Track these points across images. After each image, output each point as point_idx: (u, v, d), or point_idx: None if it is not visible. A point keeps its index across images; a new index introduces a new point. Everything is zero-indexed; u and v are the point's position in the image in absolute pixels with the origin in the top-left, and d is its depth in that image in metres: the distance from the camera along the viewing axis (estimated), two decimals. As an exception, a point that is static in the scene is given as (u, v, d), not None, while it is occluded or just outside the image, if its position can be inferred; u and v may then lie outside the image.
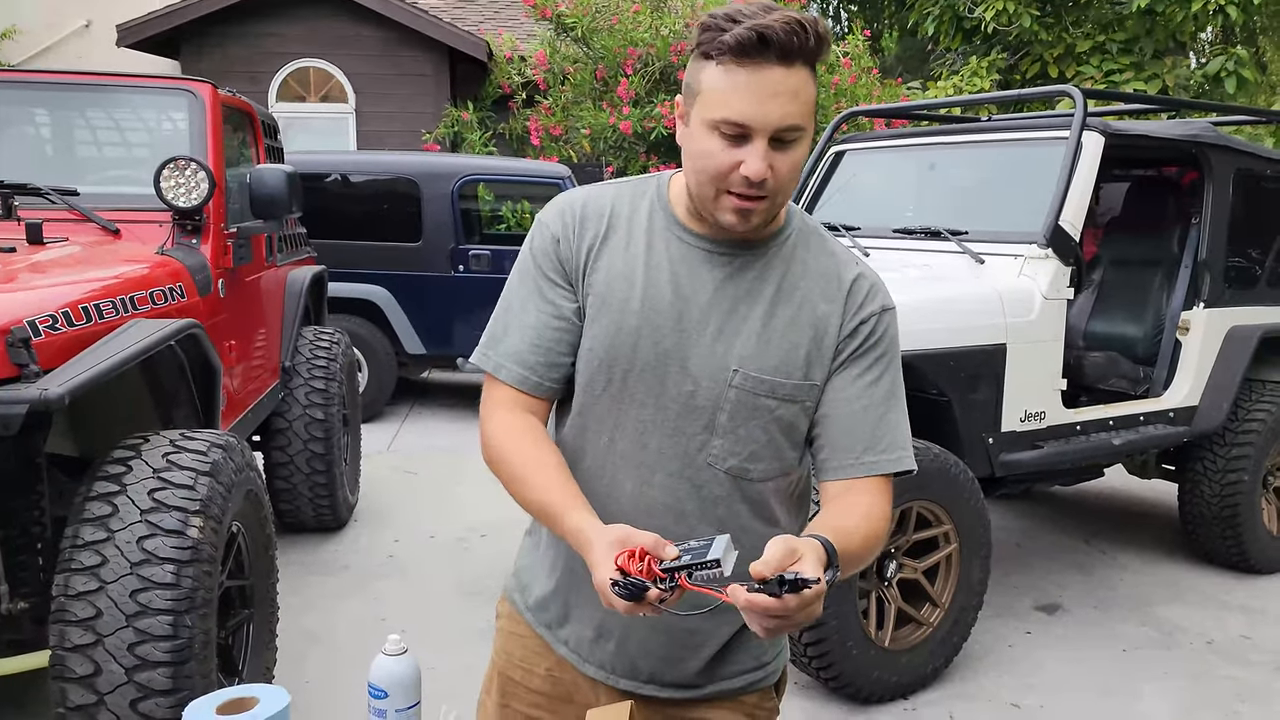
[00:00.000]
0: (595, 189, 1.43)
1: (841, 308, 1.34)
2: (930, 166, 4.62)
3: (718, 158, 1.22)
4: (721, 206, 1.26)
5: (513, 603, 1.53)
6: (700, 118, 1.23)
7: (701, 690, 1.42)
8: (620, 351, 1.32)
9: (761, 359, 1.31)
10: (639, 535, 1.13)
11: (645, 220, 1.37)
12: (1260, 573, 4.61)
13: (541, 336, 1.35)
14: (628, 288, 1.33)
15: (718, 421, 1.32)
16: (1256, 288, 4.64)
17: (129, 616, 2.25)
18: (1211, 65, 10.50)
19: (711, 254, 1.34)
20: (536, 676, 1.49)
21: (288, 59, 10.53)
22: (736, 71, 1.19)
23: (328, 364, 4.68)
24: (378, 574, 4.36)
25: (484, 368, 1.39)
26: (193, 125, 3.62)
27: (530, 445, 1.32)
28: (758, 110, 1.19)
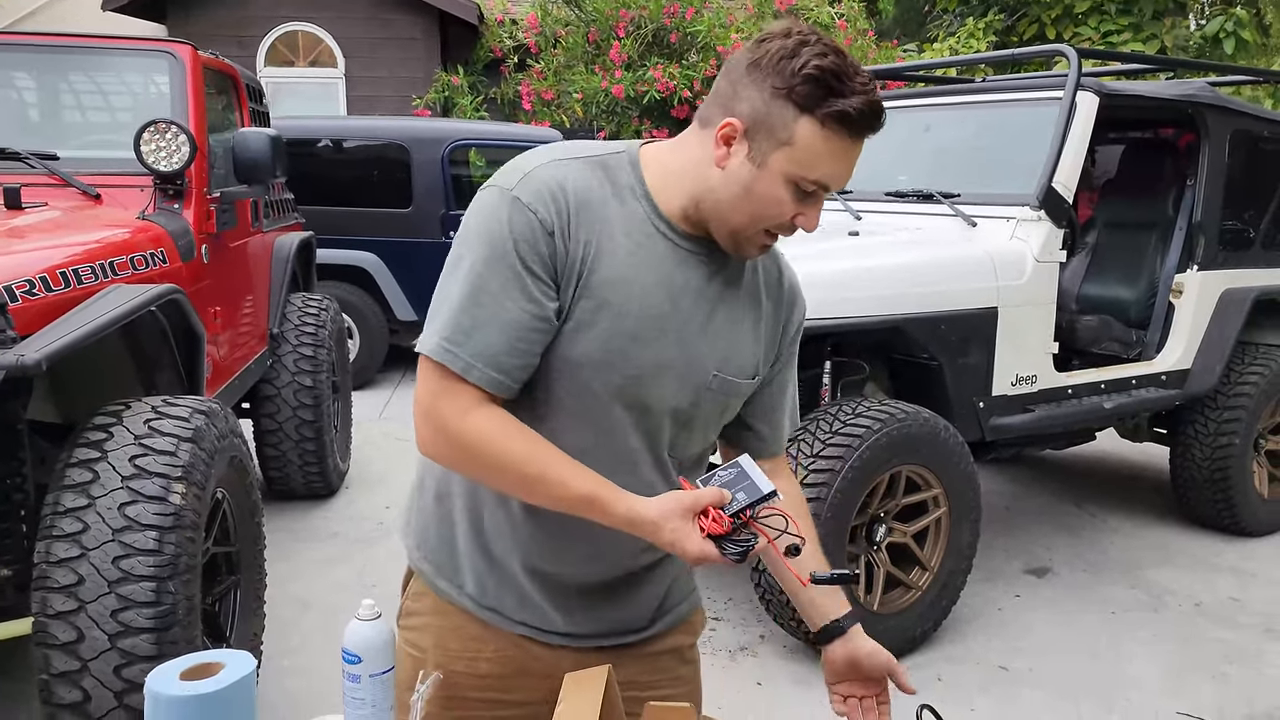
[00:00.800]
0: (570, 170, 1.27)
1: (781, 306, 1.44)
2: (924, 128, 4.57)
3: (785, 208, 1.24)
4: (753, 242, 1.28)
5: (440, 592, 1.44)
6: (782, 169, 1.21)
7: (658, 626, 1.50)
8: (616, 357, 1.26)
9: (732, 361, 1.35)
10: (705, 495, 1.19)
11: (628, 213, 1.29)
12: (1250, 535, 4.62)
13: (522, 339, 1.23)
14: (625, 290, 1.26)
15: (693, 420, 1.36)
16: (1251, 250, 4.62)
17: (111, 583, 2.24)
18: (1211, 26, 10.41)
19: (695, 255, 1.31)
20: (483, 661, 1.44)
21: (276, 22, 10.40)
22: (840, 139, 1.20)
23: (316, 330, 4.65)
24: (368, 540, 4.35)
25: (451, 367, 1.22)
26: (173, 88, 3.57)
27: (533, 441, 1.25)
28: (843, 177, 1.24)
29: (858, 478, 3.19)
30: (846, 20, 10.64)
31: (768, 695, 3.20)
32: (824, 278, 3.43)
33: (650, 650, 1.49)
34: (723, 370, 1.34)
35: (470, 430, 1.24)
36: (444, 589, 1.45)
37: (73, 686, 2.22)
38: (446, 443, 1.26)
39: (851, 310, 3.36)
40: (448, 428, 1.24)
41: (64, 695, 2.22)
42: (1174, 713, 3.16)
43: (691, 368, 1.31)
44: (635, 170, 1.31)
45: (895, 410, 3.33)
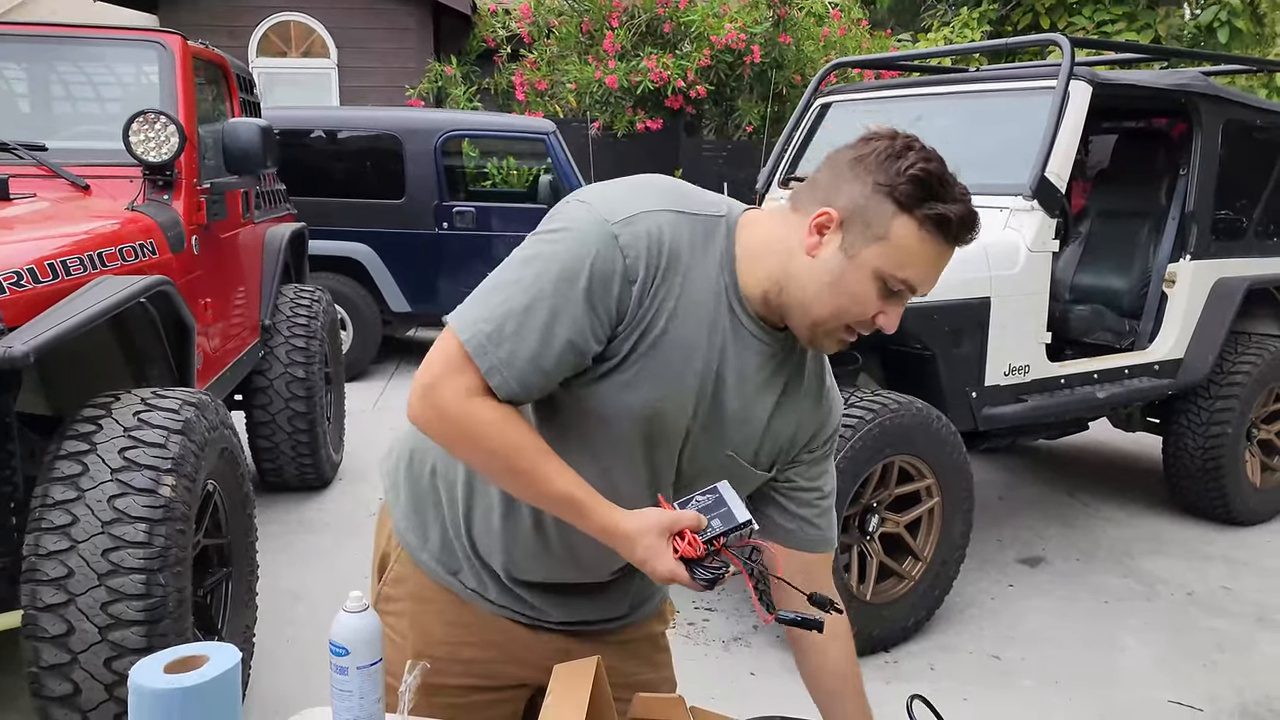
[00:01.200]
0: (675, 223, 1.24)
1: (818, 413, 1.42)
2: (917, 118, 4.56)
3: (869, 304, 1.23)
4: (831, 336, 1.28)
5: (426, 569, 1.46)
6: (873, 264, 1.21)
7: (639, 612, 1.56)
8: (657, 415, 1.28)
9: (752, 449, 1.36)
10: (684, 517, 1.20)
11: (712, 282, 1.27)
12: (1242, 524, 4.63)
13: (558, 365, 1.22)
14: (687, 355, 1.26)
15: (695, 481, 1.35)
16: (1243, 239, 4.62)
17: (101, 575, 2.23)
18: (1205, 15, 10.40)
19: (758, 341, 1.32)
20: (467, 647, 1.45)
21: (268, 12, 10.35)
22: (934, 242, 1.20)
23: (308, 322, 4.63)
24: (362, 532, 4.34)
25: (478, 362, 1.21)
26: (162, 78, 3.54)
27: (526, 436, 1.25)
28: (930, 281, 1.24)
29: (851, 468, 3.19)
30: (840, 10, 10.63)
31: (761, 685, 3.21)
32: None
33: (628, 637, 1.54)
34: (739, 453, 1.35)
35: (473, 413, 1.22)
36: (430, 566, 1.46)
37: (63, 679, 2.21)
38: (440, 418, 1.25)
39: (844, 300, 3.35)
40: (449, 405, 1.23)
41: (54, 688, 2.22)
42: (1165, 701, 3.16)
43: (709, 443, 1.33)
44: (729, 240, 1.29)
45: (888, 400, 3.33)
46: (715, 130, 10.63)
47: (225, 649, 1.07)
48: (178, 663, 1.04)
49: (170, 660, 1.04)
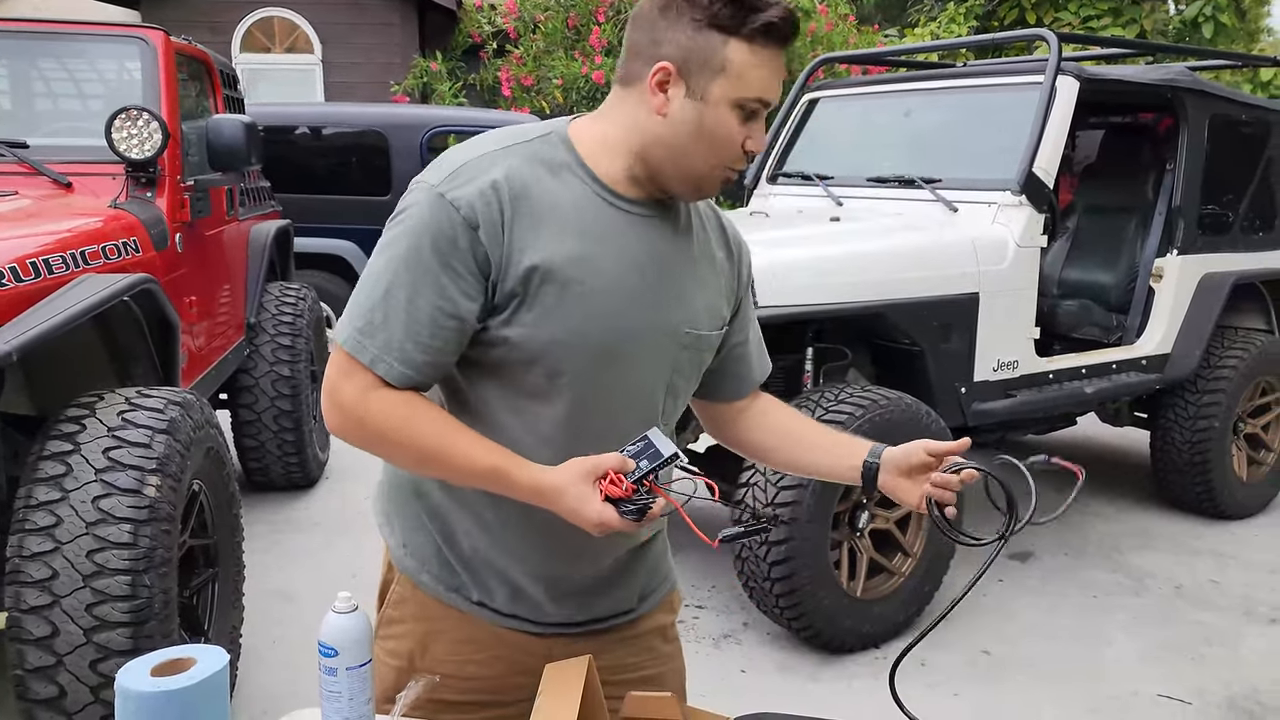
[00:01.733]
0: (500, 159, 1.24)
1: (732, 256, 1.45)
2: (905, 113, 4.56)
3: (735, 134, 1.24)
4: (713, 180, 1.28)
5: (422, 587, 1.42)
6: (726, 95, 1.21)
7: (644, 607, 1.52)
8: (585, 339, 1.25)
9: (699, 315, 1.36)
10: (605, 460, 1.19)
11: (573, 191, 1.26)
12: (1229, 518, 4.65)
13: (434, 336, 1.21)
14: (583, 269, 1.24)
15: (673, 383, 1.36)
16: (1229, 234, 4.64)
17: (86, 577, 2.21)
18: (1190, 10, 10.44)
19: (645, 218, 1.30)
20: (471, 664, 1.41)
21: (251, 8, 10.28)
22: (762, 51, 1.21)
23: (294, 320, 4.60)
24: (349, 531, 4.32)
25: (358, 358, 1.22)
26: (145, 74, 3.51)
27: (431, 418, 1.24)
28: (775, 89, 1.25)
29: (840, 464, 3.18)
30: (827, 5, 10.62)
31: (752, 682, 3.20)
32: (806, 264, 3.42)
33: (636, 632, 1.50)
34: (695, 326, 1.35)
35: (372, 409, 1.23)
36: (431, 586, 1.42)
37: (48, 682, 2.19)
38: (347, 421, 1.25)
39: (834, 296, 3.35)
40: (351, 408, 1.24)
41: (39, 690, 2.20)
42: (1154, 695, 3.17)
43: (660, 332, 1.32)
44: (568, 147, 1.29)
45: (878, 396, 3.32)
46: (702, 126, 10.59)
47: (213, 651, 1.05)
48: (165, 665, 1.03)
49: (158, 663, 1.02)
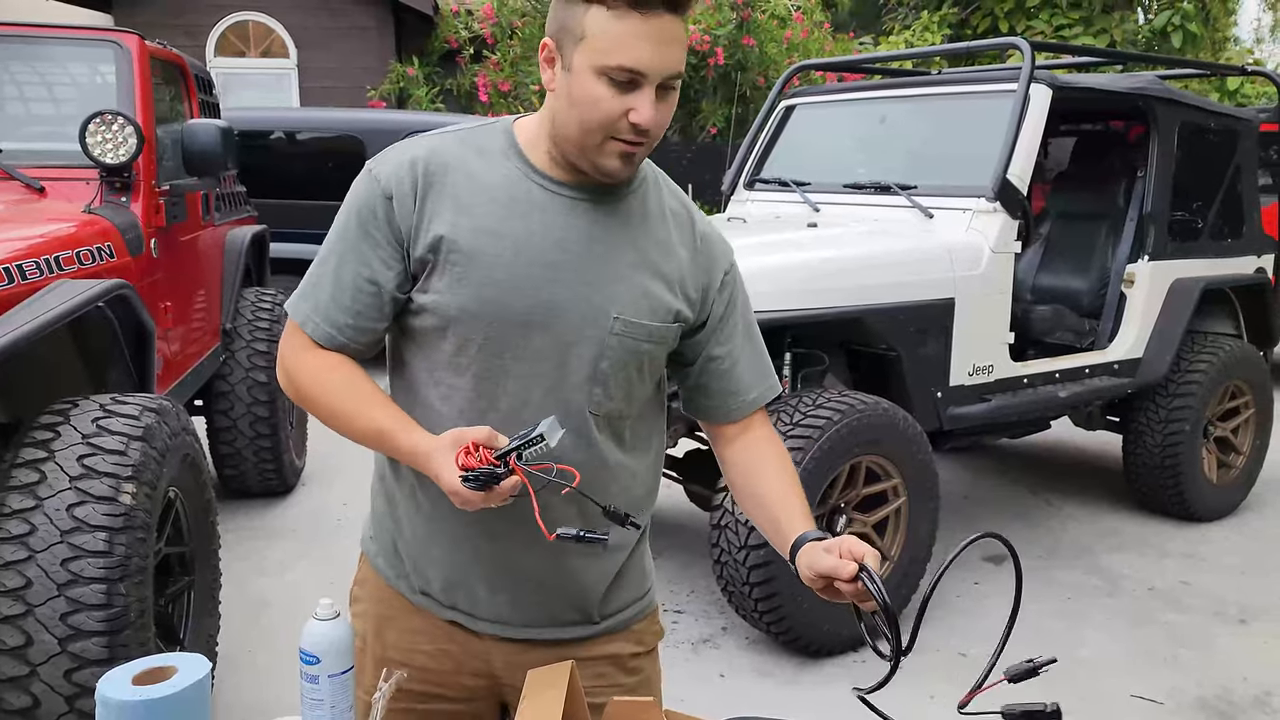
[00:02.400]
0: (433, 140, 1.33)
1: (697, 256, 1.40)
2: (880, 120, 4.60)
3: (606, 105, 1.20)
4: (606, 153, 1.25)
5: (379, 571, 1.46)
6: (587, 63, 1.20)
7: (598, 627, 1.46)
8: (496, 309, 1.27)
9: (637, 304, 1.33)
10: (471, 431, 1.19)
11: (500, 171, 1.31)
12: (1200, 520, 4.70)
13: (355, 300, 1.30)
14: (495, 242, 1.27)
15: (599, 369, 1.32)
16: (1199, 240, 4.70)
17: (60, 586, 2.19)
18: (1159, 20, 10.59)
19: (577, 201, 1.31)
20: (420, 654, 1.43)
21: (225, 12, 10.22)
22: (630, 17, 1.17)
23: (270, 325, 4.58)
24: (326, 537, 4.30)
25: (293, 317, 1.35)
26: (120, 78, 3.48)
27: (346, 378, 1.32)
28: (653, 57, 1.19)
29: (819, 468, 3.20)
30: (803, 13, 10.69)
31: (730, 687, 3.21)
32: (783, 270, 3.45)
33: (587, 654, 1.45)
34: (625, 313, 1.31)
35: (301, 367, 1.34)
36: (384, 569, 1.46)
37: (22, 692, 2.16)
38: (284, 375, 1.37)
39: (811, 302, 3.37)
40: (285, 362, 1.36)
41: (13, 701, 2.17)
42: (1128, 695, 3.21)
43: (584, 313, 1.30)
44: (508, 135, 1.34)
45: (855, 401, 3.34)
46: (680, 132, 10.64)
47: (194, 659, 1.05)
48: (146, 674, 1.02)
49: (139, 671, 1.02)
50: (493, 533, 1.35)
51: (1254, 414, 4.86)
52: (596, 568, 1.42)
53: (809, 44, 10.49)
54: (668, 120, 1.26)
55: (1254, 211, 4.99)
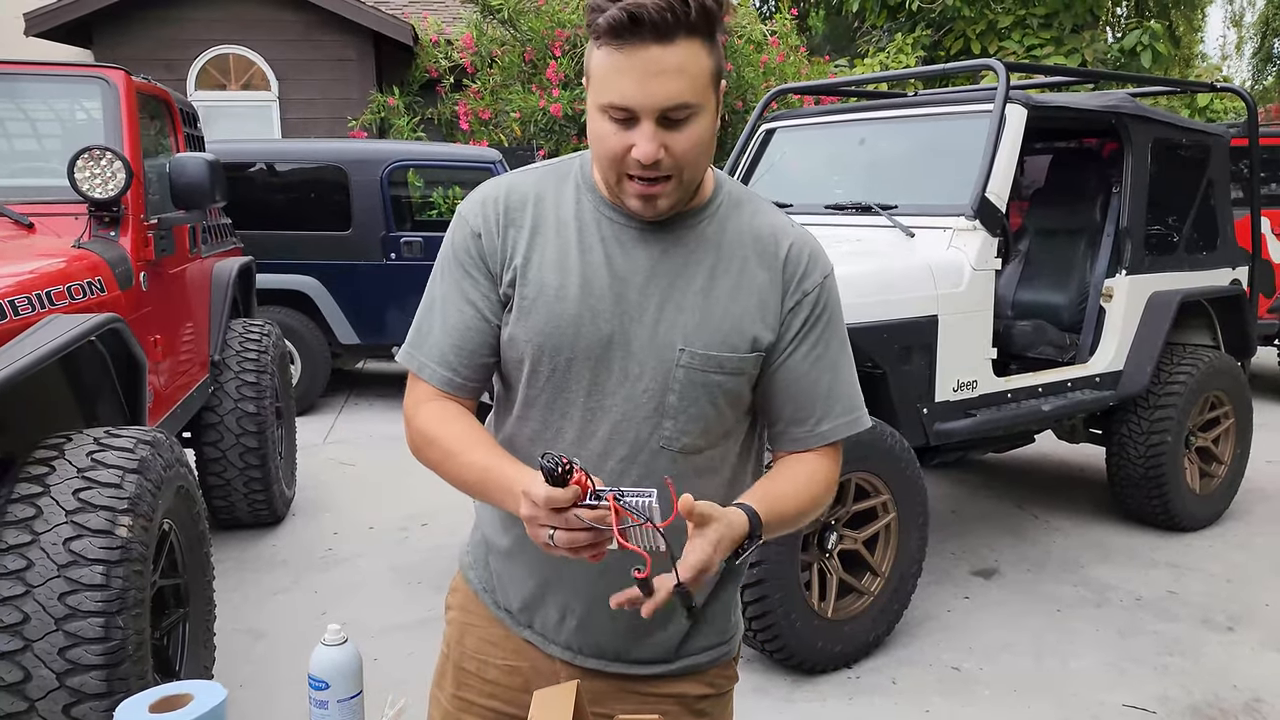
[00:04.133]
0: (517, 176, 1.38)
1: (781, 277, 1.33)
2: (859, 142, 4.67)
3: (610, 141, 1.20)
4: (625, 192, 1.24)
5: (469, 583, 1.50)
6: (593, 102, 1.21)
7: (670, 666, 1.43)
8: (560, 340, 1.29)
9: (707, 335, 1.29)
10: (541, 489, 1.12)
11: (573, 204, 1.33)
12: (1184, 530, 4.76)
13: (465, 338, 1.33)
14: (562, 275, 1.29)
15: (667, 403, 1.29)
16: (1175, 254, 4.78)
17: (58, 620, 2.19)
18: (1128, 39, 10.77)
19: (643, 230, 1.30)
20: (492, 667, 1.46)
21: (206, 45, 10.25)
22: (615, 54, 1.16)
23: (258, 356, 4.58)
24: (317, 567, 4.29)
25: (408, 367, 1.36)
26: (107, 113, 3.50)
27: (461, 425, 1.31)
28: (639, 92, 1.16)
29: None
30: (779, 37, 10.81)
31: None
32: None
33: (654, 690, 1.42)
34: (691, 345, 1.28)
35: (419, 418, 1.34)
36: (474, 582, 1.50)
37: (20, 728, 2.16)
38: (408, 431, 1.36)
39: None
40: (408, 418, 1.36)
41: (11, 737, 2.17)
42: (1120, 705, 3.24)
43: (649, 344, 1.28)
44: (585, 166, 1.36)
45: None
46: (660, 157, 10.69)
47: (210, 686, 1.07)
48: (162, 702, 1.04)
49: (155, 699, 1.03)
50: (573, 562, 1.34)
51: (1233, 424, 4.93)
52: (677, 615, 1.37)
53: (785, 68, 10.61)
54: (691, 151, 1.20)
55: (1228, 225, 5.08)
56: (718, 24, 1.18)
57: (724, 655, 1.47)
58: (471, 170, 7.77)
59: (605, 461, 1.30)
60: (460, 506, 5.00)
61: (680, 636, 1.42)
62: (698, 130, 1.20)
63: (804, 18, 14.29)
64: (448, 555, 4.45)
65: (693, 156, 1.21)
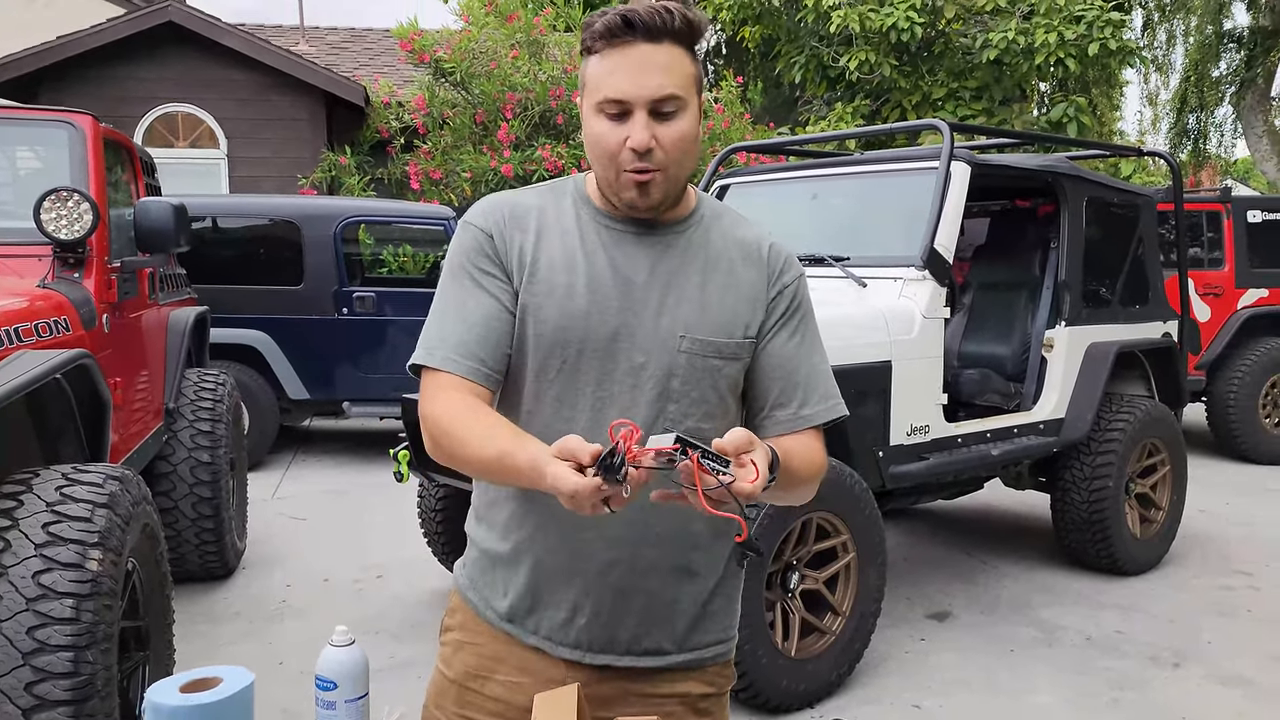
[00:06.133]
0: (514, 193, 1.47)
1: (765, 272, 1.46)
2: (812, 197, 4.83)
3: (607, 138, 1.32)
4: (622, 185, 1.34)
5: (468, 602, 1.50)
6: (588, 105, 1.34)
7: (676, 658, 1.46)
8: (571, 334, 1.37)
9: (704, 323, 1.40)
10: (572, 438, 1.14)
11: (572, 215, 1.44)
12: (1127, 574, 4.90)
13: (489, 328, 1.37)
14: (570, 274, 1.38)
15: (671, 387, 1.39)
16: (1111, 307, 5.00)
17: (25, 654, 2.15)
18: (1055, 112, 11.27)
19: (640, 235, 1.42)
20: (496, 684, 1.46)
21: (154, 104, 10.23)
22: (609, 55, 1.30)
23: (214, 405, 4.54)
24: (272, 618, 4.22)
25: (429, 364, 1.36)
26: (73, 157, 3.51)
27: (479, 413, 1.32)
28: (631, 84, 1.29)
29: (773, 524, 3.30)
30: (723, 104, 11.13)
31: None
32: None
33: (659, 690, 1.46)
34: (692, 331, 1.39)
35: (434, 411, 1.34)
36: (472, 599, 1.50)
37: (-18, 767, 2.10)
38: (424, 430, 1.36)
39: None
40: (423, 415, 1.36)
41: (-28, 777, 2.10)
42: (1076, 738, 3.31)
43: (652, 335, 1.38)
44: (579, 184, 1.48)
45: (803, 459, 3.45)
46: (608, 218, 10.86)
47: (238, 671, 1.09)
48: (192, 684, 1.06)
49: (185, 682, 1.05)
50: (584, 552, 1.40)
51: (1170, 470, 5.11)
52: (692, 588, 1.45)
53: (730, 133, 10.91)
54: (679, 143, 1.32)
55: (1158, 280, 5.33)
56: (698, 36, 1.34)
57: (725, 654, 1.52)
58: (424, 226, 7.83)
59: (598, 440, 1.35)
60: (417, 560, 4.98)
61: (687, 627, 1.46)
62: (684, 125, 1.33)
63: (743, 89, 14.73)
64: (406, 606, 4.40)
65: (680, 150, 1.33)
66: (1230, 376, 7.75)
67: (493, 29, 10.51)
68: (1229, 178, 22.00)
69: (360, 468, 7.18)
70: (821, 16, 10.79)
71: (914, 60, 11.44)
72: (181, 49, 10.16)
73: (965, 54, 11.20)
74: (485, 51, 10.41)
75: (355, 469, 7.15)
